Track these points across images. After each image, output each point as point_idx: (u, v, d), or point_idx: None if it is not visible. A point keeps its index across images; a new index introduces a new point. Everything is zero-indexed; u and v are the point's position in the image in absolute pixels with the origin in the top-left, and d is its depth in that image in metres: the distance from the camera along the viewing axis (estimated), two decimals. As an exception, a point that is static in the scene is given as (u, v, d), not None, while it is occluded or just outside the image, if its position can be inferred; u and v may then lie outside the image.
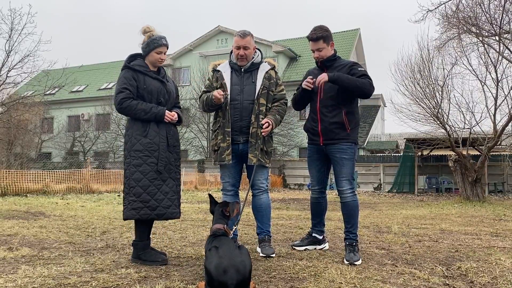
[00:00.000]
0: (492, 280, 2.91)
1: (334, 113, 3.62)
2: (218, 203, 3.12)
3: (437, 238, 4.84)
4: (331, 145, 3.66)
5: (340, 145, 3.63)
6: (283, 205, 10.23)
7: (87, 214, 6.96)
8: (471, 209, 9.32)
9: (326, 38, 3.65)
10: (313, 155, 3.89)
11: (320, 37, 3.63)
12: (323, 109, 3.66)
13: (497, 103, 12.35)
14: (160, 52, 3.43)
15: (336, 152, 3.64)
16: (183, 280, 2.82)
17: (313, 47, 3.69)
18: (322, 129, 3.67)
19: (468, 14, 13.04)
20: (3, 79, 18.10)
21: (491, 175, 17.88)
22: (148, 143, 3.30)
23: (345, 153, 3.62)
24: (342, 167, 3.63)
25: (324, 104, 3.66)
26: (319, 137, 3.71)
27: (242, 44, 3.69)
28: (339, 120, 3.61)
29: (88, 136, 29.12)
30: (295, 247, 3.98)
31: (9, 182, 11.35)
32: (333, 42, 3.72)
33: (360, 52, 30.62)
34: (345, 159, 3.62)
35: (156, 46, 3.40)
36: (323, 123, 3.66)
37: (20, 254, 3.59)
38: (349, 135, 3.63)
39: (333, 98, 3.63)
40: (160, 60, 3.45)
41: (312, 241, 4.00)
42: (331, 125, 3.62)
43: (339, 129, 3.61)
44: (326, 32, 3.67)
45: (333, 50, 3.73)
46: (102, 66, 34.85)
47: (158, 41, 3.41)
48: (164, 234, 4.88)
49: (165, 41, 3.45)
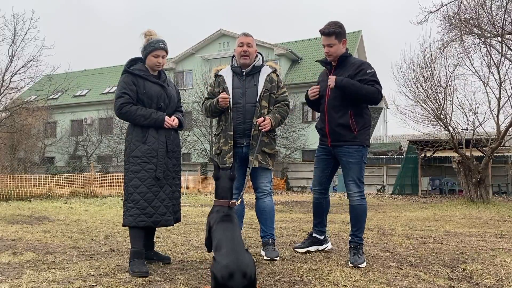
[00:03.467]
0: (497, 282, 2.90)
1: (340, 114, 3.56)
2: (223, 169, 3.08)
3: (441, 240, 4.82)
4: (338, 147, 3.63)
5: (347, 148, 3.58)
6: (286, 208, 10.22)
7: (90, 218, 6.97)
8: (475, 211, 9.28)
9: (338, 34, 3.57)
10: (320, 155, 3.87)
11: (332, 33, 3.55)
12: (331, 110, 3.61)
13: (500, 104, 12.32)
14: (157, 55, 3.37)
15: (343, 155, 3.61)
16: (188, 284, 2.81)
17: (324, 42, 3.60)
18: (330, 130, 3.63)
19: (470, 15, 13.04)
20: (6, 84, 18.19)
21: (495, 176, 17.80)
22: (147, 149, 3.26)
23: (351, 156, 3.57)
24: (348, 170, 3.60)
25: (332, 105, 3.61)
26: (327, 138, 3.68)
27: (245, 41, 3.72)
28: (346, 122, 3.54)
29: (91, 140, 29.20)
30: (297, 250, 3.97)
31: (13, 186, 11.39)
32: (345, 40, 3.63)
33: (362, 54, 30.60)
34: (351, 163, 3.57)
35: (152, 49, 3.35)
36: (331, 124, 3.62)
37: (25, 259, 3.60)
38: (356, 138, 3.55)
39: (340, 99, 3.57)
40: (157, 64, 3.39)
41: (313, 241, 3.98)
42: (338, 126, 3.57)
43: (345, 131, 3.55)
44: (339, 28, 3.58)
45: (344, 48, 3.65)
46: (105, 71, 34.94)
47: (154, 44, 3.35)
48: (168, 237, 4.88)
49: (163, 45, 3.38)
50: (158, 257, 3.53)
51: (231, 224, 2.81)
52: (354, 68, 3.57)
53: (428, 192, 19.28)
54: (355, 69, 3.56)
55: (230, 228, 2.76)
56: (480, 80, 12.76)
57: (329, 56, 3.66)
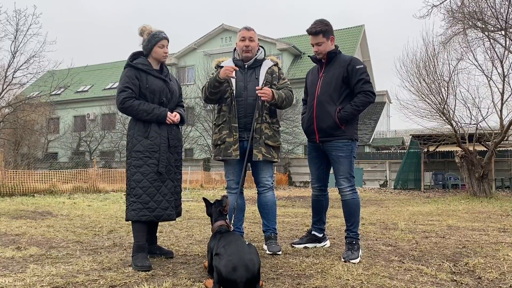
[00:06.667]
0: (500, 276, 2.90)
1: (329, 109, 3.56)
2: (213, 204, 3.16)
3: (444, 234, 4.82)
4: (327, 142, 3.62)
5: (336, 142, 3.58)
6: (288, 203, 10.23)
7: (94, 213, 7.00)
8: (478, 205, 9.27)
9: (325, 32, 3.60)
10: (311, 152, 3.88)
11: (319, 31, 3.58)
12: (319, 106, 3.62)
13: (503, 98, 12.27)
14: (163, 45, 3.40)
15: (332, 149, 3.60)
16: (190, 277, 2.82)
17: (312, 41, 3.64)
18: (317, 126, 3.63)
19: (473, 9, 12.94)
20: (9, 80, 18.24)
21: (498, 170, 17.77)
22: (149, 144, 3.27)
23: (341, 150, 3.57)
24: (339, 165, 3.58)
25: (320, 100, 3.62)
26: (315, 134, 3.68)
27: (247, 36, 3.72)
28: (333, 117, 3.54)
29: (94, 136, 29.30)
30: (294, 245, 3.96)
31: (17, 182, 11.43)
32: (333, 37, 3.66)
33: (364, 49, 30.51)
34: (341, 157, 3.56)
35: (158, 40, 3.38)
36: (318, 120, 3.62)
37: (28, 253, 3.62)
38: (344, 132, 3.56)
39: (328, 94, 3.58)
40: (164, 54, 3.42)
41: (312, 239, 3.98)
42: (326, 122, 3.57)
43: (333, 125, 3.55)
44: (326, 26, 3.61)
45: (333, 45, 3.68)
46: (107, 66, 34.99)
47: (158, 35, 3.39)
48: (170, 232, 4.90)
49: (165, 34, 3.44)
50: (161, 252, 3.55)
51: (233, 234, 2.86)
52: (344, 64, 3.58)
53: (431, 186, 19.27)
54: (345, 65, 3.57)
55: (231, 235, 2.81)
56: (484, 74, 12.73)
57: (319, 54, 3.68)
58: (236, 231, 3.61)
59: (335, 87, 3.57)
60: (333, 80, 3.59)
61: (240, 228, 3.86)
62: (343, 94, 3.58)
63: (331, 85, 3.58)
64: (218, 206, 3.12)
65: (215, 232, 2.94)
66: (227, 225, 3.00)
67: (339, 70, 3.57)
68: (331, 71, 3.62)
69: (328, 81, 3.60)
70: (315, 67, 3.88)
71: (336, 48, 3.70)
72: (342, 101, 3.58)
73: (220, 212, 3.09)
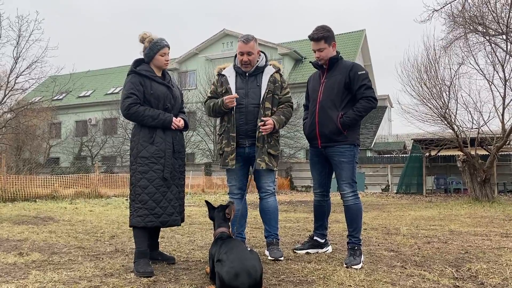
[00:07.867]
0: (502, 281, 2.89)
1: (331, 115, 3.57)
2: (216, 208, 3.16)
3: (446, 239, 4.81)
4: (329, 148, 3.63)
5: (338, 148, 3.58)
6: (290, 208, 10.21)
7: (95, 219, 7.00)
8: (480, 210, 9.24)
9: (327, 38, 3.61)
10: (313, 158, 3.88)
11: (321, 37, 3.60)
12: (321, 111, 3.63)
13: (505, 102, 12.26)
14: (164, 53, 3.43)
15: (335, 155, 3.60)
16: (192, 284, 2.82)
17: (314, 47, 3.66)
18: (320, 131, 3.64)
19: (474, 13, 12.97)
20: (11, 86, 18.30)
21: (500, 175, 17.72)
22: (155, 150, 3.28)
23: (343, 155, 3.57)
24: (341, 171, 3.58)
25: (322, 106, 3.63)
26: (317, 140, 3.68)
27: (245, 50, 3.69)
28: (336, 123, 3.54)
29: (95, 141, 29.33)
30: (296, 251, 3.96)
31: (18, 187, 11.46)
32: (335, 43, 3.68)
33: (366, 53, 30.54)
34: (344, 162, 3.57)
35: (159, 48, 3.40)
36: (321, 125, 3.63)
37: (31, 259, 3.62)
38: (346, 137, 3.57)
39: (331, 99, 3.60)
40: (165, 62, 3.45)
41: (314, 244, 3.97)
42: (328, 127, 3.58)
43: (336, 131, 3.55)
44: (328, 32, 3.63)
45: (335, 51, 3.69)
46: (109, 71, 35.10)
47: (160, 43, 3.41)
48: (172, 237, 4.89)
49: (166, 42, 3.46)
50: (162, 257, 3.55)
51: (235, 240, 2.87)
52: (346, 70, 3.60)
53: (433, 191, 19.21)
54: (347, 71, 3.58)
55: (233, 241, 2.81)
56: (485, 79, 12.72)
57: (320, 60, 3.70)
58: (238, 237, 3.61)
59: (337, 93, 3.59)
60: (335, 86, 3.60)
61: (242, 234, 3.86)
62: (345, 99, 3.59)
63: (333, 91, 3.59)
64: (221, 211, 3.12)
65: (217, 238, 2.94)
66: (229, 232, 2.99)
67: (341, 76, 3.59)
68: (333, 77, 3.63)
69: (330, 87, 3.61)
70: (316, 72, 3.89)
71: (338, 54, 3.71)
72: (344, 107, 3.59)
73: (223, 216, 3.09)
